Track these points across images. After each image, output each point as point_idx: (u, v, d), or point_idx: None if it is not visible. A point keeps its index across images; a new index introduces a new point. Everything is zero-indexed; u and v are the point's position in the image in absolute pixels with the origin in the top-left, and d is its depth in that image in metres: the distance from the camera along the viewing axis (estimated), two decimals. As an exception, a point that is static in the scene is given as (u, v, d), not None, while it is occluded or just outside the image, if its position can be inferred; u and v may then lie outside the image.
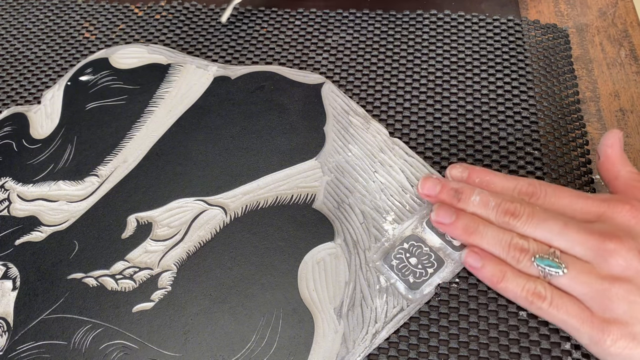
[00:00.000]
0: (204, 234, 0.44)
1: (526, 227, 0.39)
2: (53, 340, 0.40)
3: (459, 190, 0.42)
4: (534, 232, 0.39)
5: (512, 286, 0.39)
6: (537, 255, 0.38)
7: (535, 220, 0.39)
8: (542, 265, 0.38)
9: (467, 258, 0.40)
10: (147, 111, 0.51)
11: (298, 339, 0.39)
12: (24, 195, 0.47)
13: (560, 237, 0.38)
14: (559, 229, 0.38)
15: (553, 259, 0.38)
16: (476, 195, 0.41)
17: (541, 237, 0.39)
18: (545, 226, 0.38)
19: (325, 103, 0.50)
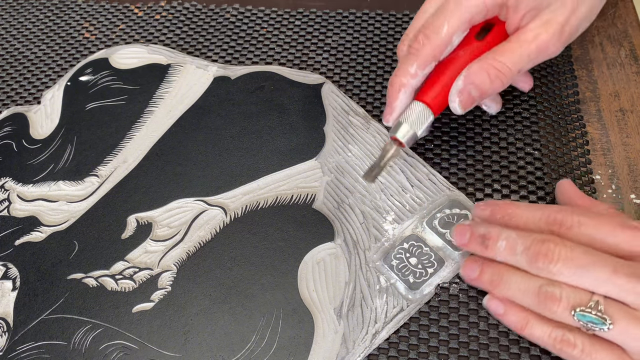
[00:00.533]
0: (204, 234, 0.44)
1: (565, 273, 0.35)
2: (53, 340, 0.40)
3: (486, 237, 0.38)
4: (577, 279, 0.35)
5: (537, 333, 0.36)
6: (577, 309, 0.34)
7: (576, 265, 0.34)
8: (583, 321, 0.34)
9: (489, 303, 0.39)
10: (147, 111, 0.51)
11: (298, 339, 0.39)
12: (24, 196, 0.47)
13: (610, 285, 0.34)
14: (607, 277, 0.34)
15: (596, 313, 0.34)
16: (502, 241, 0.37)
17: (586, 285, 0.34)
18: (591, 274, 0.34)
19: (325, 103, 0.50)
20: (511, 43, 0.42)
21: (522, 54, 0.41)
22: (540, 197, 0.45)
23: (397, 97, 0.43)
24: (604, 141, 0.48)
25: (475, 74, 0.42)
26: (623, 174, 0.46)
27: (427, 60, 0.42)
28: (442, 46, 0.42)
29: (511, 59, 0.42)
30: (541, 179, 0.46)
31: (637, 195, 0.45)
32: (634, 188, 0.46)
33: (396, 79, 0.43)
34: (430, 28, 0.42)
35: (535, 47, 0.41)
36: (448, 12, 0.41)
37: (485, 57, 0.42)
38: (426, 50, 0.42)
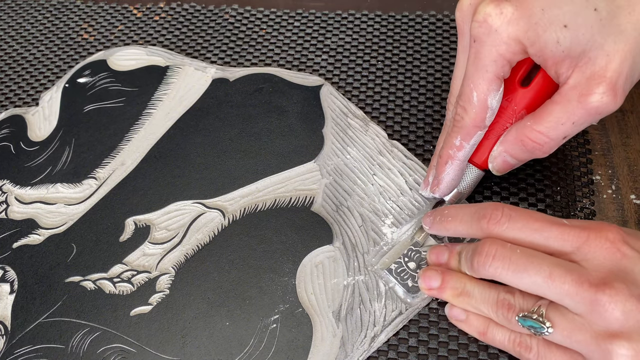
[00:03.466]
0: (202, 237, 0.44)
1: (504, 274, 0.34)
2: (50, 344, 0.40)
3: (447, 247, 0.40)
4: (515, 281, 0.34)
5: (498, 337, 0.37)
6: (520, 314, 0.34)
7: (514, 267, 0.34)
8: (525, 326, 0.34)
9: (450, 311, 0.39)
10: (145, 113, 0.51)
11: (296, 342, 0.39)
12: (22, 198, 0.47)
13: (546, 289, 0.33)
14: (542, 279, 0.33)
15: (537, 317, 0.34)
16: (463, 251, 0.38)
17: (525, 287, 0.34)
18: (527, 275, 0.33)
19: (324, 105, 0.50)
20: (553, 104, 0.36)
21: (565, 121, 0.36)
22: (540, 199, 0.45)
23: (444, 170, 0.40)
24: (604, 141, 0.48)
25: (510, 145, 0.39)
26: (623, 175, 0.46)
27: (470, 132, 0.38)
28: (480, 114, 0.37)
29: (551, 128, 0.36)
30: (540, 180, 0.45)
31: (637, 196, 0.45)
32: (634, 188, 0.46)
33: (444, 151, 0.40)
34: (463, 97, 0.38)
35: (583, 111, 0.35)
36: (470, 76, 0.37)
37: (523, 124, 0.38)
38: (466, 122, 0.38)
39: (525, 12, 0.34)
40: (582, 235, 0.34)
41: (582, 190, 0.45)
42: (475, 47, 0.36)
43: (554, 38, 0.34)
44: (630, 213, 0.44)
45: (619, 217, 0.44)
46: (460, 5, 0.39)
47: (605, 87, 0.34)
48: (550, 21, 0.34)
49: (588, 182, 0.46)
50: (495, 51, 0.35)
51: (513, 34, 0.34)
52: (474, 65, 0.36)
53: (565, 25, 0.34)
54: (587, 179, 0.46)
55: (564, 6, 0.34)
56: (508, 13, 0.34)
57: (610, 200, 0.45)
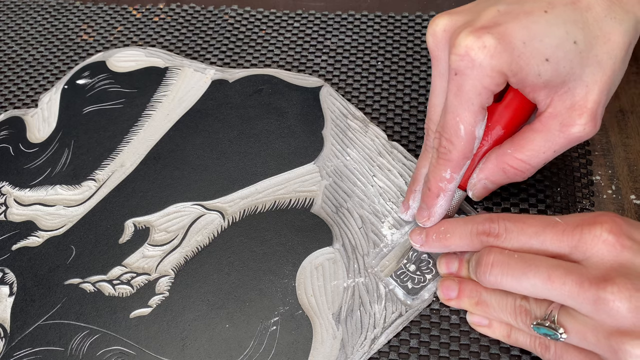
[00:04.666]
0: (202, 238, 0.44)
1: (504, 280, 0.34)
2: (50, 346, 0.40)
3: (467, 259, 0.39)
4: (518, 286, 0.34)
5: (521, 339, 0.37)
6: (534, 322, 0.34)
7: (513, 273, 0.34)
8: (540, 334, 0.34)
9: (472, 318, 0.39)
10: (145, 115, 0.51)
11: (296, 344, 0.39)
12: (21, 200, 0.47)
13: (547, 292, 0.33)
14: (542, 282, 0.33)
15: (549, 324, 0.33)
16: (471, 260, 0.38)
17: (527, 292, 0.34)
18: (526, 280, 0.33)
19: (323, 106, 0.50)
20: (534, 133, 0.37)
21: (547, 150, 0.37)
22: (540, 200, 0.45)
23: (436, 203, 0.39)
24: (603, 142, 0.48)
25: (490, 172, 0.39)
26: (623, 175, 0.46)
27: (460, 164, 0.38)
28: (468, 146, 0.37)
29: (533, 157, 0.37)
30: (541, 181, 0.45)
31: (637, 196, 0.45)
32: (634, 189, 0.45)
33: (433, 184, 0.39)
34: (448, 130, 0.37)
35: (564, 140, 0.36)
36: (455, 108, 0.36)
37: (502, 151, 0.38)
38: (455, 155, 0.37)
39: (507, 46, 0.34)
40: (575, 233, 0.33)
41: (582, 191, 0.45)
42: (457, 80, 0.35)
43: (535, 71, 0.34)
44: (630, 213, 0.44)
45: (619, 218, 0.44)
46: (433, 30, 0.37)
47: (587, 117, 0.35)
48: (532, 54, 0.34)
49: (588, 183, 0.46)
50: (479, 84, 0.35)
51: (497, 67, 0.34)
52: (458, 98, 0.35)
53: (546, 59, 0.34)
54: (587, 180, 0.46)
55: (544, 39, 0.34)
56: (491, 47, 0.34)
57: (610, 201, 0.45)
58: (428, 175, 0.39)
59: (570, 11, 0.34)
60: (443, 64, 0.38)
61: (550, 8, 0.34)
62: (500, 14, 0.35)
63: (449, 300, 0.39)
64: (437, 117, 0.39)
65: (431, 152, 0.39)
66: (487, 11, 0.35)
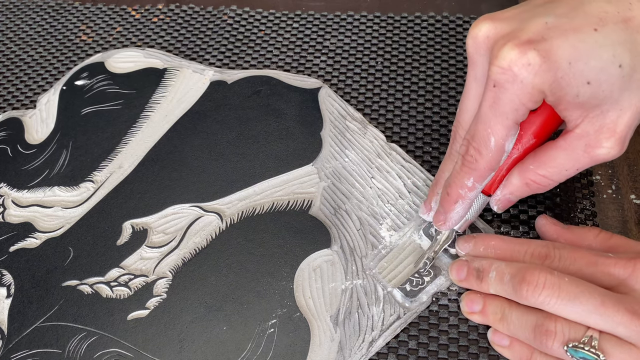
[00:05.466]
0: (200, 240, 0.44)
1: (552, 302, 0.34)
2: (47, 348, 0.40)
3: (480, 269, 0.38)
4: (565, 310, 0.34)
5: None
6: (570, 344, 0.33)
7: (564, 295, 0.34)
8: (576, 357, 0.33)
9: (493, 337, 0.38)
10: (143, 116, 0.51)
11: (294, 347, 0.39)
12: (19, 201, 0.47)
13: (598, 317, 0.33)
14: (594, 308, 0.33)
15: (589, 349, 0.33)
16: (492, 271, 0.37)
17: (574, 316, 0.34)
18: (578, 304, 0.33)
19: (322, 108, 0.50)
20: (558, 150, 0.36)
21: (570, 167, 0.36)
22: (539, 201, 0.45)
23: (453, 209, 0.39)
24: (603, 144, 0.48)
25: (514, 188, 0.39)
26: (623, 174, 0.46)
27: (484, 174, 0.37)
28: (496, 158, 0.36)
29: (555, 174, 0.37)
30: (540, 184, 0.45)
31: (637, 196, 0.45)
32: (634, 188, 0.45)
33: (453, 189, 0.38)
34: (477, 140, 0.36)
35: (588, 160, 0.36)
36: (488, 119, 0.35)
37: (525, 167, 0.38)
38: (481, 166, 0.36)
39: (552, 65, 0.32)
40: (628, 266, 0.34)
41: (582, 191, 0.45)
42: (495, 92, 0.34)
43: (574, 92, 0.33)
44: (630, 213, 0.44)
45: (619, 217, 0.44)
46: (474, 34, 0.36)
47: (614, 141, 0.34)
48: (575, 76, 0.32)
49: (588, 184, 0.45)
50: (517, 100, 0.33)
51: (538, 86, 0.33)
52: (493, 110, 0.35)
53: (588, 82, 0.33)
54: (587, 180, 0.46)
55: (590, 61, 0.32)
56: (535, 65, 0.32)
57: (610, 200, 0.45)
58: (449, 179, 0.39)
59: (621, 31, 0.33)
60: (480, 70, 0.37)
61: (600, 26, 0.33)
62: (548, 27, 0.33)
63: (471, 314, 0.39)
64: (466, 123, 0.39)
65: (456, 157, 0.38)
66: (534, 22, 0.33)
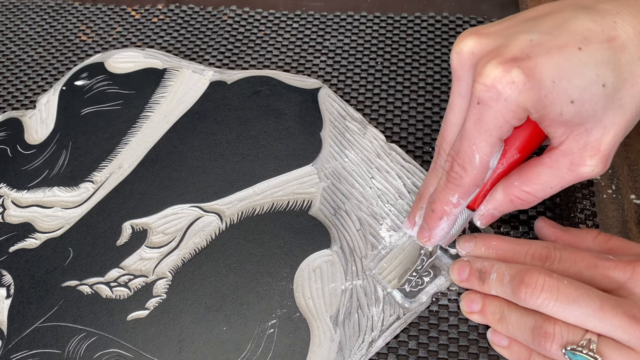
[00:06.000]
0: (200, 240, 0.44)
1: (551, 305, 0.34)
2: (47, 348, 0.40)
3: (482, 270, 0.38)
4: (563, 313, 0.34)
5: None
6: (568, 347, 0.34)
7: (563, 298, 0.34)
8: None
9: (492, 337, 0.39)
10: (143, 116, 0.51)
11: (294, 347, 0.39)
12: (19, 202, 0.47)
13: (597, 321, 0.33)
14: (593, 311, 0.33)
15: (587, 352, 0.33)
16: (493, 273, 0.37)
17: (573, 319, 0.34)
18: (577, 307, 0.33)
19: (322, 108, 0.50)
20: (542, 167, 0.36)
21: (554, 185, 0.36)
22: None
23: (438, 225, 0.39)
24: (603, 144, 0.48)
25: (498, 203, 0.38)
26: (623, 174, 0.46)
27: (469, 191, 0.37)
28: (481, 175, 0.36)
29: (539, 190, 0.37)
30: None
31: (637, 196, 0.45)
32: (634, 188, 0.45)
33: (438, 206, 0.38)
34: (462, 156, 0.36)
35: (573, 177, 0.36)
36: (473, 136, 0.35)
37: (510, 183, 0.38)
38: (465, 182, 0.36)
39: (536, 83, 0.32)
40: (628, 270, 0.35)
41: (582, 191, 0.45)
42: (478, 109, 0.34)
43: (558, 110, 0.33)
44: (630, 213, 0.44)
45: (619, 217, 0.44)
46: (459, 49, 0.36)
47: (598, 159, 0.35)
48: (559, 95, 0.33)
49: (588, 184, 0.45)
50: (502, 118, 0.33)
51: (522, 104, 0.33)
52: (477, 127, 0.34)
53: (572, 100, 0.33)
54: (587, 180, 0.46)
55: (574, 80, 0.32)
56: (519, 83, 0.32)
57: (610, 200, 0.45)
58: (434, 196, 0.38)
59: (605, 50, 0.33)
60: (465, 85, 0.37)
61: (585, 45, 0.33)
62: (533, 45, 0.33)
63: (471, 313, 0.39)
64: (450, 138, 0.38)
65: (440, 173, 0.38)
66: (518, 39, 0.33)
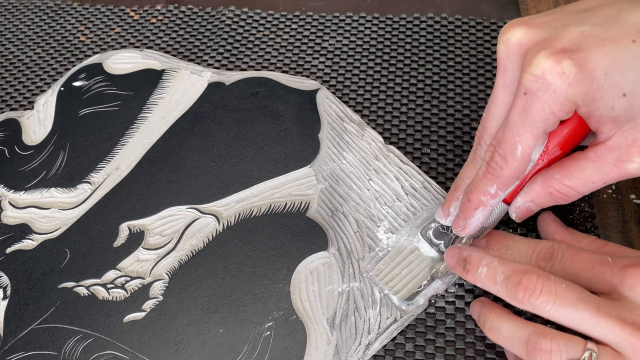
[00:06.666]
0: (197, 242, 0.44)
1: (549, 308, 0.34)
2: (43, 350, 0.40)
3: (467, 260, 0.37)
4: (560, 316, 0.34)
5: None
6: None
7: (561, 302, 0.33)
8: None
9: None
10: (141, 117, 0.51)
11: (290, 350, 0.39)
12: (16, 203, 0.47)
13: (592, 325, 0.33)
14: (590, 315, 0.33)
15: None
16: (483, 267, 0.36)
17: (568, 322, 0.34)
18: (574, 311, 0.33)
19: (320, 109, 0.50)
20: (586, 161, 0.35)
21: (597, 180, 0.35)
22: (538, 205, 0.44)
23: (473, 215, 0.38)
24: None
25: (536, 195, 0.38)
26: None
27: (509, 182, 0.36)
28: (522, 167, 0.36)
29: (581, 185, 0.36)
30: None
31: (637, 195, 0.45)
32: (634, 188, 0.45)
33: (475, 196, 0.37)
34: (504, 147, 0.35)
35: (618, 174, 0.35)
36: (517, 127, 0.34)
37: (550, 175, 0.37)
38: (505, 173, 0.36)
39: (587, 75, 0.32)
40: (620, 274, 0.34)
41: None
42: (525, 100, 0.33)
43: (609, 104, 0.32)
44: (630, 213, 0.44)
45: (619, 217, 0.44)
46: (507, 39, 0.35)
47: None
48: (611, 87, 0.32)
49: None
50: (548, 110, 0.33)
51: (571, 96, 0.32)
52: (522, 117, 0.34)
53: (624, 94, 0.32)
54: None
55: (626, 72, 0.32)
56: (570, 74, 0.32)
57: (610, 200, 0.45)
58: (471, 185, 0.38)
59: None
60: (510, 76, 0.36)
61: (639, 37, 0.32)
62: (584, 36, 0.32)
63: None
64: (492, 128, 0.38)
65: (480, 163, 0.38)
66: (569, 30, 0.33)
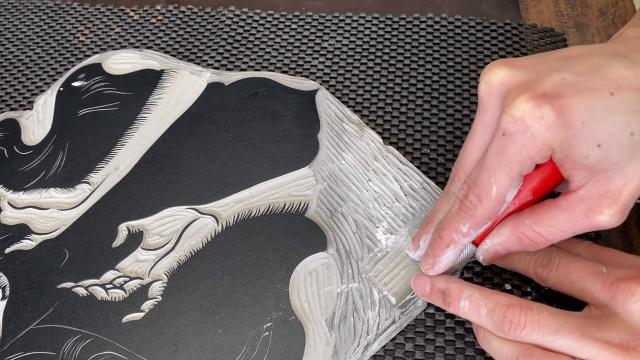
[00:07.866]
0: (195, 243, 0.44)
1: (534, 337, 0.34)
2: (42, 350, 0.40)
3: (445, 293, 0.38)
4: (545, 342, 0.34)
5: None
6: None
7: (544, 331, 0.34)
8: None
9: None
10: (140, 118, 0.51)
11: (289, 350, 0.39)
12: (15, 203, 0.47)
13: (578, 348, 0.33)
14: (574, 340, 0.33)
15: None
16: (464, 300, 0.37)
17: (557, 347, 0.34)
18: (558, 337, 0.34)
19: (319, 110, 0.50)
20: (557, 209, 0.35)
21: (567, 229, 0.35)
22: (537, 206, 0.44)
23: (444, 253, 0.38)
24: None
25: (505, 239, 0.38)
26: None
27: (481, 222, 0.36)
28: (495, 208, 0.36)
29: (550, 232, 0.36)
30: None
31: (637, 197, 0.45)
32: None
33: (446, 233, 0.37)
34: (479, 186, 0.35)
35: (587, 225, 0.35)
36: (493, 167, 0.34)
37: (521, 220, 0.37)
38: (479, 213, 0.36)
39: (565, 122, 0.32)
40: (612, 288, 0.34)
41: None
42: (503, 141, 0.33)
43: (584, 153, 0.32)
44: (630, 213, 0.44)
45: (618, 219, 0.44)
46: (489, 78, 0.35)
47: (616, 209, 0.34)
48: (587, 137, 0.32)
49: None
50: (525, 152, 0.33)
51: (548, 141, 0.32)
52: (498, 158, 0.34)
53: (599, 144, 0.32)
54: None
55: (603, 123, 0.32)
56: (549, 120, 0.32)
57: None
58: (443, 222, 0.38)
59: (636, 98, 0.32)
60: (490, 116, 0.36)
61: (617, 91, 0.32)
62: (565, 83, 0.33)
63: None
64: (468, 166, 0.38)
65: (453, 200, 0.38)
66: (551, 76, 0.33)
